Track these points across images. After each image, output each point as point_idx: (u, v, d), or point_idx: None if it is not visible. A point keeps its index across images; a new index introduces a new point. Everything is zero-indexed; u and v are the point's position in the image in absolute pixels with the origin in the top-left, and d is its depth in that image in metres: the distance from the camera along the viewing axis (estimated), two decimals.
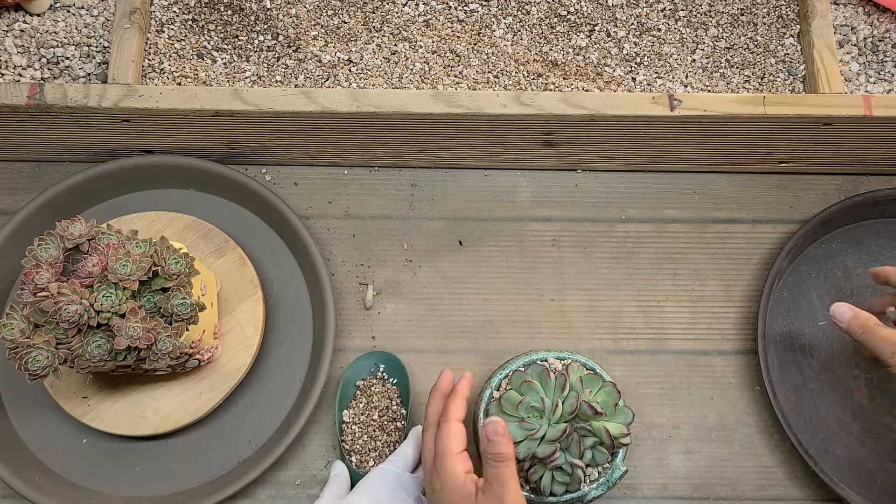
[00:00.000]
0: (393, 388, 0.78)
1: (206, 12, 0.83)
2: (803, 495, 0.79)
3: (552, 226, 0.86)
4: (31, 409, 0.78)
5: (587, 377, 0.69)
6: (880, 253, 0.85)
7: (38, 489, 0.74)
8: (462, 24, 0.83)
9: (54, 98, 0.75)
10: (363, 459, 0.75)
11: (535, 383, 0.69)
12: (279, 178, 0.87)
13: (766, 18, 0.84)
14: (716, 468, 0.79)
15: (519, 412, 0.68)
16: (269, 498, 0.78)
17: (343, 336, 0.82)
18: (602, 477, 0.70)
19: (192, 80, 0.80)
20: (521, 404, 0.68)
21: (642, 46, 0.83)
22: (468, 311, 0.83)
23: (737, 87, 0.82)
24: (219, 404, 0.77)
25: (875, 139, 0.80)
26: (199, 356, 0.74)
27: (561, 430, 0.67)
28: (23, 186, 0.86)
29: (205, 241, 0.81)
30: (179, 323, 0.68)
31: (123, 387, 0.77)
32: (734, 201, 0.87)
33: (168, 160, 0.83)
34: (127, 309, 0.66)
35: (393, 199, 0.86)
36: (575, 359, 0.72)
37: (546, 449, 0.66)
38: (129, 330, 0.65)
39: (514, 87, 0.81)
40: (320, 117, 0.77)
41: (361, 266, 0.84)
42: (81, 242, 0.68)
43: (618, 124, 0.77)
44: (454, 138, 0.81)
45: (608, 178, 0.88)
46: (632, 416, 0.69)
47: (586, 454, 0.68)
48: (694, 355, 0.83)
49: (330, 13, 0.84)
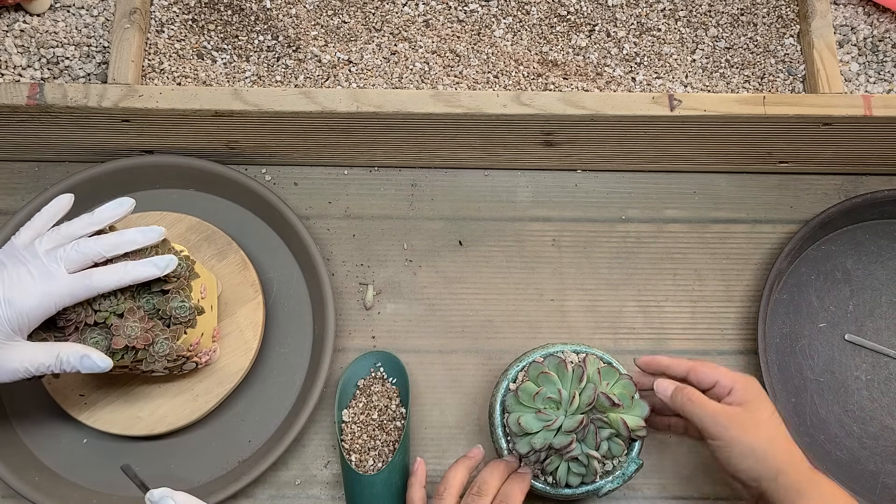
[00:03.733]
0: (393, 387, 0.78)
1: (206, 12, 0.83)
2: None
3: (552, 226, 0.86)
4: (30, 409, 0.78)
5: (604, 369, 0.70)
6: (880, 254, 0.85)
7: (38, 489, 0.74)
8: (462, 24, 0.84)
9: (54, 98, 0.75)
10: (362, 459, 0.75)
11: (552, 374, 0.69)
12: (279, 178, 0.87)
13: (765, 18, 0.84)
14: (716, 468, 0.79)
15: (536, 403, 0.68)
16: (269, 498, 0.78)
17: (343, 336, 0.82)
18: (618, 470, 0.70)
19: (192, 80, 0.80)
20: (538, 395, 0.68)
21: (642, 46, 0.83)
22: (468, 311, 0.83)
23: (737, 87, 0.82)
24: (214, 408, 0.77)
25: (875, 139, 0.80)
26: (196, 359, 0.74)
27: (577, 422, 0.67)
28: (23, 186, 0.86)
29: (208, 243, 0.81)
30: (177, 326, 0.68)
31: (121, 386, 0.77)
32: (734, 201, 0.87)
33: (168, 160, 0.83)
34: (126, 309, 0.66)
35: (393, 199, 0.86)
36: (591, 352, 0.72)
37: (563, 440, 0.66)
38: (128, 330, 0.65)
39: (514, 87, 0.81)
40: (320, 117, 0.77)
41: (361, 266, 0.84)
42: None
43: (618, 124, 0.77)
44: (454, 138, 0.81)
45: (608, 178, 0.88)
46: (648, 408, 0.69)
47: (602, 445, 0.68)
48: (694, 355, 0.82)
49: (330, 13, 0.84)
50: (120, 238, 0.65)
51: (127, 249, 0.65)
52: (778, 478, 0.63)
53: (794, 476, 0.63)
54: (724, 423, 0.64)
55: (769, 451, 0.64)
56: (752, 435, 0.64)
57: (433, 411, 0.80)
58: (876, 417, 0.80)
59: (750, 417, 0.65)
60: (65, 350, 0.63)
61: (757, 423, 0.64)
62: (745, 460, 0.64)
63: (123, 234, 0.65)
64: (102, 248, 0.64)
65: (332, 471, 0.79)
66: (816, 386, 0.81)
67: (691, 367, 0.69)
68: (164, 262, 0.65)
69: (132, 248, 0.65)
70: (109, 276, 0.63)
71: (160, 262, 0.65)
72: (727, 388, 0.67)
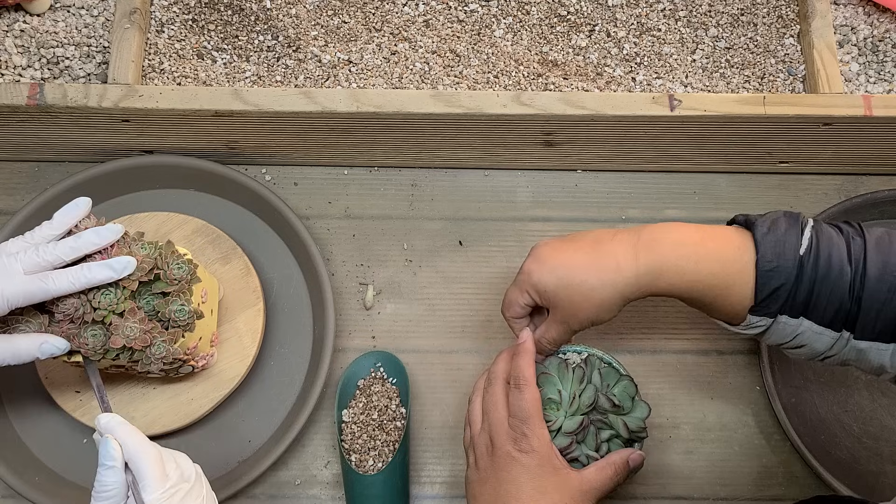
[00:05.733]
0: (392, 387, 0.78)
1: (206, 12, 0.83)
2: (803, 496, 0.79)
3: (552, 226, 0.86)
4: (31, 409, 0.79)
5: (605, 371, 0.70)
6: None
7: (38, 489, 0.74)
8: (462, 24, 0.84)
9: (54, 98, 0.75)
10: (362, 459, 0.75)
11: (552, 375, 0.69)
12: (279, 178, 0.87)
13: (766, 18, 0.84)
14: (716, 468, 0.79)
15: None
16: (269, 498, 0.78)
17: (343, 336, 0.82)
18: None
19: (192, 80, 0.80)
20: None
21: (642, 46, 0.83)
22: (468, 311, 0.83)
23: (737, 87, 0.82)
24: (209, 412, 0.77)
25: (875, 139, 0.80)
26: (193, 363, 0.74)
27: (578, 423, 0.67)
28: (23, 186, 0.86)
29: (212, 247, 0.81)
30: (176, 329, 0.68)
31: (117, 385, 0.77)
32: (734, 201, 0.87)
33: (168, 160, 0.83)
34: (126, 308, 0.66)
35: (393, 199, 0.86)
36: (593, 352, 0.72)
37: (562, 441, 0.66)
38: (127, 330, 0.65)
39: (514, 87, 0.81)
40: (320, 117, 0.77)
41: (361, 266, 0.84)
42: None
43: (618, 124, 0.77)
44: (454, 138, 0.81)
45: (608, 178, 0.88)
46: (648, 410, 0.69)
47: (602, 447, 0.68)
48: (694, 355, 0.82)
49: (330, 13, 0.84)
50: (77, 241, 0.65)
51: (87, 251, 0.65)
52: (627, 296, 0.64)
53: (633, 282, 0.64)
54: (567, 328, 0.67)
55: (604, 305, 0.64)
56: (584, 311, 0.65)
57: (433, 411, 0.80)
58: (876, 417, 0.80)
59: (570, 307, 0.65)
60: (23, 344, 0.64)
61: (574, 305, 0.65)
62: (603, 317, 0.66)
63: (80, 236, 0.66)
64: (61, 252, 0.64)
65: (332, 471, 0.79)
66: (816, 386, 0.81)
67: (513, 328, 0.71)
68: (122, 265, 0.65)
69: (91, 248, 0.65)
70: (64, 278, 0.64)
71: (117, 264, 0.65)
72: (530, 301, 0.68)
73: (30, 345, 0.64)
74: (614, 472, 0.65)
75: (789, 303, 0.61)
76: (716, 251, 0.63)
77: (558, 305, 0.66)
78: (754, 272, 0.61)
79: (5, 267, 0.63)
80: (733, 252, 0.62)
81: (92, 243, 0.65)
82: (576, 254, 0.65)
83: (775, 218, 0.63)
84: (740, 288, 0.62)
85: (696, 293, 0.64)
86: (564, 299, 0.65)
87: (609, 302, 0.64)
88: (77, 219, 0.67)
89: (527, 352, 0.67)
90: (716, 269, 0.62)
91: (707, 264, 0.63)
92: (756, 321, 0.63)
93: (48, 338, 0.65)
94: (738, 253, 0.62)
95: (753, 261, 0.61)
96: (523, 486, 0.63)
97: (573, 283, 0.64)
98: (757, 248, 0.61)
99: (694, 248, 0.63)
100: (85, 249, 0.65)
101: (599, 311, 0.65)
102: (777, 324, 0.62)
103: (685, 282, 0.63)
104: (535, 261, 0.67)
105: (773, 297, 0.61)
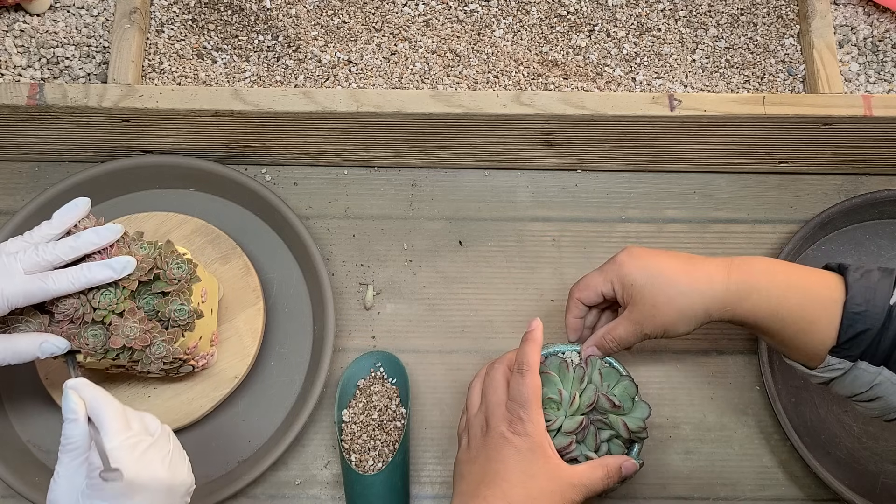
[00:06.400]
0: (392, 387, 0.78)
1: (206, 12, 0.83)
2: (803, 495, 0.79)
3: (552, 226, 0.86)
4: (31, 409, 0.78)
5: (606, 371, 0.70)
6: (879, 254, 0.85)
7: (38, 489, 0.74)
8: (462, 24, 0.84)
9: (54, 98, 0.75)
10: (362, 459, 0.75)
11: (552, 375, 0.69)
12: (279, 178, 0.87)
13: (765, 18, 0.84)
14: (716, 468, 0.79)
15: None
16: (269, 498, 0.78)
17: (343, 336, 0.82)
18: None
19: (192, 80, 0.80)
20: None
21: (642, 46, 0.83)
22: (468, 311, 0.83)
23: (737, 87, 0.82)
24: (209, 412, 0.77)
25: (875, 139, 0.80)
26: (193, 362, 0.74)
27: (577, 423, 0.67)
28: (23, 186, 0.86)
29: (212, 247, 0.81)
30: (175, 329, 0.68)
31: (117, 385, 0.77)
32: (734, 201, 0.87)
33: (168, 160, 0.83)
34: (126, 308, 0.66)
35: (393, 199, 0.86)
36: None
37: (562, 441, 0.66)
38: (127, 330, 0.65)
39: (514, 87, 0.81)
40: (320, 117, 0.77)
41: (361, 266, 0.84)
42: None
43: (618, 124, 0.77)
44: (454, 138, 0.81)
45: (608, 178, 0.88)
46: (649, 410, 0.69)
47: (602, 447, 0.68)
48: (694, 355, 0.82)
49: (330, 13, 0.84)
50: (76, 241, 0.65)
51: (86, 251, 0.65)
52: (710, 312, 0.65)
53: (721, 297, 0.64)
54: (638, 331, 0.67)
55: (686, 313, 0.65)
56: (663, 315, 0.65)
57: (433, 411, 0.80)
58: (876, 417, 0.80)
59: (650, 308, 0.66)
60: (23, 343, 0.64)
61: (656, 306, 0.65)
62: (679, 328, 0.66)
63: (79, 236, 0.66)
64: (60, 252, 0.65)
65: (332, 471, 0.79)
66: (817, 386, 0.81)
67: (577, 313, 0.72)
68: (121, 265, 0.65)
69: (90, 248, 0.65)
70: (64, 278, 0.64)
71: (116, 264, 0.65)
72: (609, 292, 0.68)
73: (30, 344, 0.64)
74: (605, 474, 0.65)
75: (872, 349, 0.60)
76: (805, 285, 0.63)
77: (638, 303, 0.66)
78: (840, 312, 0.61)
79: (5, 267, 0.63)
80: (822, 289, 0.62)
81: (91, 243, 0.65)
82: (671, 259, 0.66)
83: (869, 268, 0.63)
84: (824, 326, 0.61)
85: (778, 322, 0.63)
86: (648, 297, 0.65)
87: (691, 311, 0.64)
88: (76, 219, 0.67)
89: (534, 340, 0.67)
90: (803, 301, 0.62)
91: (795, 295, 0.63)
92: (835, 363, 0.62)
93: (48, 337, 0.65)
94: (828, 291, 0.62)
95: (841, 301, 0.61)
96: (512, 467, 0.62)
97: (662, 283, 0.65)
98: (847, 290, 0.61)
99: (784, 277, 0.64)
100: (84, 249, 0.65)
101: (678, 318, 0.65)
102: (856, 369, 0.61)
103: (770, 307, 0.63)
104: (628, 254, 0.67)
105: (856, 340, 0.60)
